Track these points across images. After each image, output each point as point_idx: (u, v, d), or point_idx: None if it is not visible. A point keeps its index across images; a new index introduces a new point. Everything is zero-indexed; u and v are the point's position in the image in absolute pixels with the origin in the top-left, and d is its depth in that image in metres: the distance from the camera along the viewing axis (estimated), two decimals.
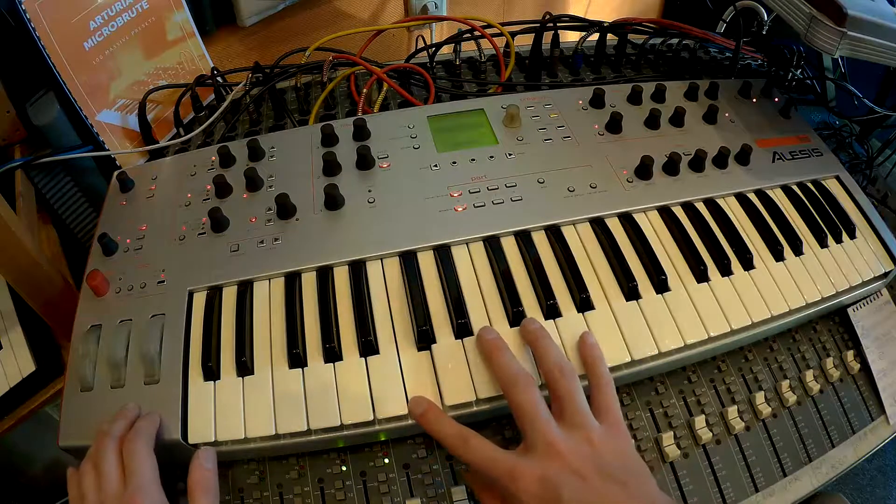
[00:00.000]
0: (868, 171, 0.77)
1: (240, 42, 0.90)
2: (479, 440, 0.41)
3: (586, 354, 0.46)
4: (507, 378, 0.43)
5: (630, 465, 0.41)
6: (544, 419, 0.41)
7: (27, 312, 0.62)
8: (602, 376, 0.45)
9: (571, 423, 0.41)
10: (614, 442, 0.41)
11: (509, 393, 0.43)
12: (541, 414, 0.41)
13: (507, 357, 0.44)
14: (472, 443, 0.41)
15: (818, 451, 0.53)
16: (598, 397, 0.44)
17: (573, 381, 0.43)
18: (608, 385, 0.44)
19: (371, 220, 0.54)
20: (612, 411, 0.43)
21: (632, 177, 0.59)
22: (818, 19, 0.58)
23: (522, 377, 0.43)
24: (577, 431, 0.41)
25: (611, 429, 0.42)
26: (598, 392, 0.44)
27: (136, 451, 0.41)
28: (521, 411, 0.41)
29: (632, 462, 0.41)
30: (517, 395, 0.42)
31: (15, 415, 0.60)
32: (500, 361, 0.44)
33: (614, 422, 0.42)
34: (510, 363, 0.44)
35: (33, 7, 0.56)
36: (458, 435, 0.42)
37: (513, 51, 0.76)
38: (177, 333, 0.48)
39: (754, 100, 0.70)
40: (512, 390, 0.42)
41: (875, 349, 0.59)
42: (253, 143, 0.59)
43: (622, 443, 0.42)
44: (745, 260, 0.55)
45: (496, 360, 0.44)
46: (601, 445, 0.40)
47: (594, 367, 0.45)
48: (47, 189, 0.66)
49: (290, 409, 0.45)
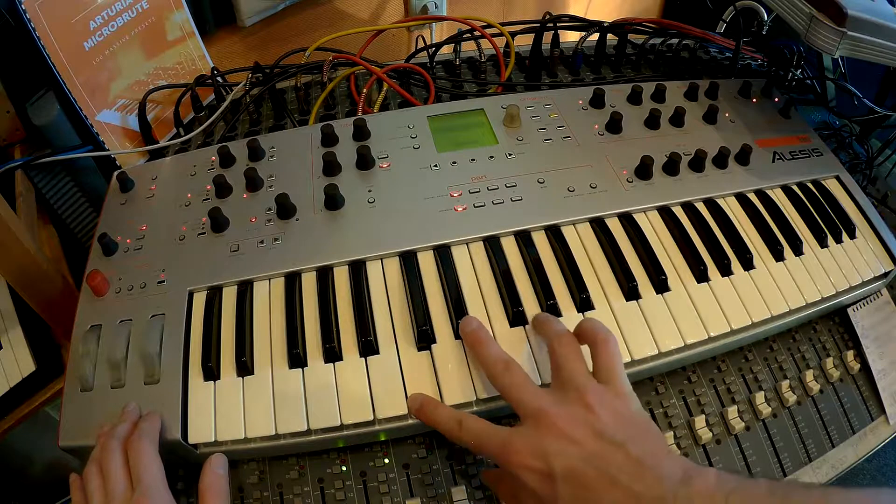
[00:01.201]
0: (868, 171, 0.77)
1: (240, 42, 0.90)
2: (473, 420, 0.41)
3: (580, 327, 0.44)
4: (490, 364, 0.43)
5: (634, 425, 0.38)
6: (531, 390, 0.40)
7: (27, 312, 0.62)
8: (597, 333, 0.43)
9: (566, 387, 0.40)
10: (615, 402, 0.39)
11: (495, 378, 0.42)
12: (528, 387, 0.40)
13: (490, 346, 0.44)
14: (466, 423, 0.41)
15: (818, 451, 0.53)
16: (597, 359, 0.42)
17: (569, 346, 0.42)
18: (605, 344, 0.42)
19: (371, 220, 0.54)
20: (612, 371, 0.41)
21: (632, 177, 0.59)
22: (818, 19, 0.58)
23: (504, 359, 0.42)
24: (571, 394, 0.39)
25: (611, 389, 0.40)
26: (596, 353, 0.42)
27: (142, 453, 0.40)
28: (509, 390, 0.41)
29: (634, 422, 0.39)
30: (502, 378, 0.42)
31: (15, 415, 0.60)
32: (484, 352, 0.44)
33: (616, 382, 0.40)
34: (492, 350, 0.43)
35: (33, 7, 0.56)
36: (452, 418, 0.41)
37: (513, 51, 0.76)
38: (177, 333, 0.48)
39: (754, 100, 0.70)
40: (497, 374, 0.42)
41: (875, 349, 0.59)
42: (253, 143, 0.59)
43: (624, 402, 0.39)
44: (745, 260, 0.55)
45: (479, 351, 0.44)
46: (598, 406, 0.38)
47: (586, 329, 0.43)
48: (47, 189, 0.66)
49: (290, 409, 0.44)
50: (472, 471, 0.47)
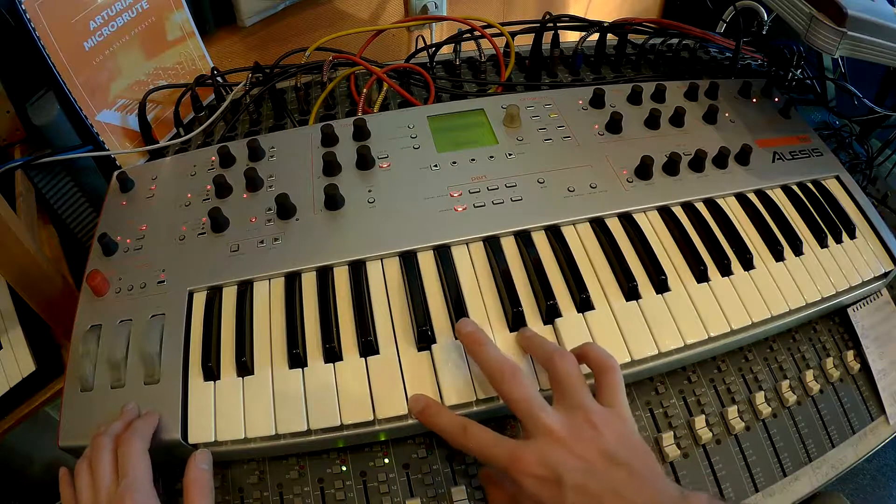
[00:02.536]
0: (868, 171, 0.77)
1: (240, 42, 0.90)
2: (479, 428, 0.41)
3: (581, 350, 0.45)
4: (492, 371, 0.43)
5: (634, 448, 0.40)
6: (539, 406, 0.40)
7: (27, 312, 0.62)
8: (605, 360, 0.43)
9: (571, 405, 0.41)
10: (617, 424, 0.40)
11: (498, 386, 0.42)
12: (535, 402, 0.40)
13: (490, 349, 0.44)
14: (471, 430, 0.41)
15: (818, 451, 0.53)
16: (602, 384, 0.43)
17: (569, 364, 0.42)
18: (613, 371, 0.43)
19: (371, 220, 0.54)
20: (615, 395, 0.42)
21: (632, 177, 0.59)
22: (818, 19, 0.58)
23: (508, 368, 0.42)
24: (576, 413, 0.40)
25: (615, 412, 0.41)
26: (602, 379, 0.43)
27: (130, 449, 0.40)
28: (515, 404, 0.41)
29: (636, 445, 0.40)
30: (507, 388, 0.41)
31: (15, 415, 0.60)
32: (484, 355, 0.43)
33: (618, 405, 0.41)
34: (493, 355, 0.43)
35: (33, 7, 0.56)
36: (457, 424, 0.41)
37: (513, 51, 0.76)
38: (177, 333, 0.48)
39: (754, 100, 0.70)
40: (500, 383, 0.42)
41: (875, 349, 0.59)
42: (253, 143, 0.59)
43: (626, 426, 0.41)
44: (745, 260, 0.55)
45: (479, 354, 0.44)
46: (603, 427, 0.39)
47: (593, 356, 0.44)
48: (47, 189, 0.66)
49: (290, 409, 0.44)
50: (471, 471, 0.47)
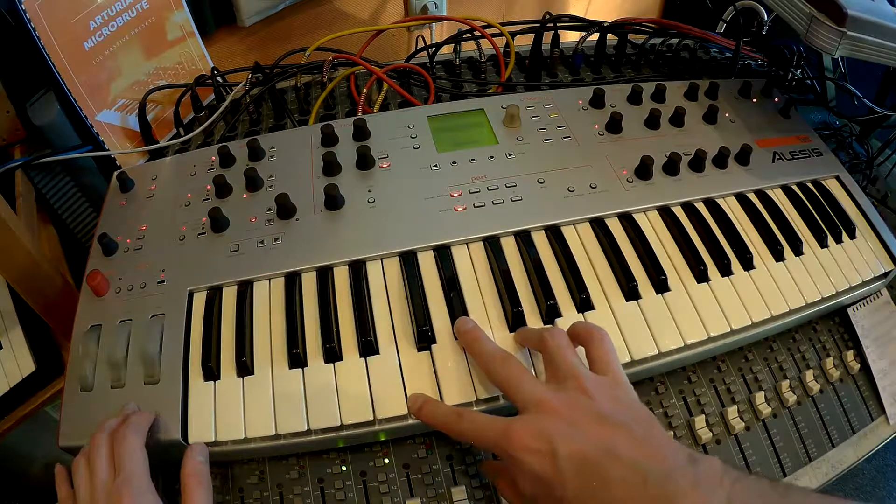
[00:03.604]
0: (868, 171, 0.77)
1: (240, 42, 0.90)
2: (473, 413, 0.41)
3: (569, 330, 0.44)
4: (486, 361, 0.43)
5: (632, 410, 0.38)
6: (529, 381, 0.40)
7: (27, 312, 0.62)
8: (591, 331, 0.43)
9: (563, 375, 0.40)
10: (613, 390, 0.39)
11: (491, 371, 0.43)
12: (525, 378, 0.40)
13: (485, 342, 0.44)
14: (466, 415, 0.41)
15: (818, 451, 0.53)
16: (592, 353, 0.42)
17: (559, 337, 0.42)
18: (601, 340, 0.42)
19: (371, 220, 0.54)
20: (609, 363, 0.41)
21: (632, 177, 0.59)
22: (818, 19, 0.58)
23: (500, 355, 0.43)
24: (568, 383, 0.39)
25: (609, 379, 0.40)
26: (591, 348, 0.42)
27: (126, 444, 0.41)
28: (506, 382, 0.41)
29: (634, 408, 0.39)
30: (499, 370, 0.42)
31: (15, 415, 0.60)
32: (480, 348, 0.44)
33: (612, 372, 0.41)
34: (488, 346, 0.44)
35: (33, 7, 0.56)
36: (451, 412, 0.42)
37: (513, 51, 0.76)
38: (177, 333, 0.48)
39: (754, 100, 0.70)
40: (493, 368, 0.42)
41: (875, 349, 0.59)
42: (253, 143, 0.59)
43: (623, 391, 0.40)
44: (745, 260, 0.55)
45: (476, 347, 0.44)
46: (596, 392, 0.38)
47: (579, 329, 0.44)
48: (47, 189, 0.66)
49: (290, 409, 0.45)
50: (472, 471, 0.47)
